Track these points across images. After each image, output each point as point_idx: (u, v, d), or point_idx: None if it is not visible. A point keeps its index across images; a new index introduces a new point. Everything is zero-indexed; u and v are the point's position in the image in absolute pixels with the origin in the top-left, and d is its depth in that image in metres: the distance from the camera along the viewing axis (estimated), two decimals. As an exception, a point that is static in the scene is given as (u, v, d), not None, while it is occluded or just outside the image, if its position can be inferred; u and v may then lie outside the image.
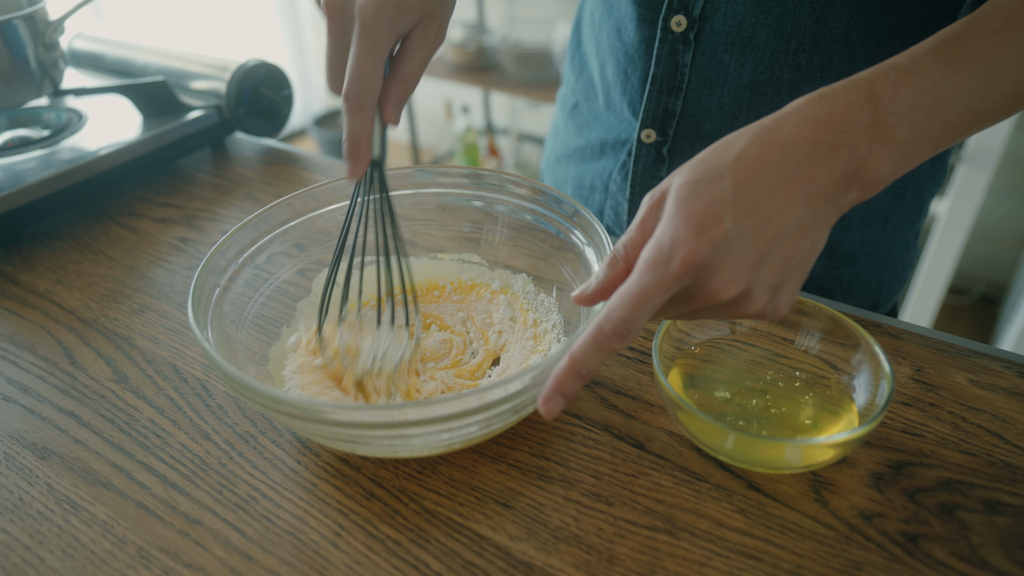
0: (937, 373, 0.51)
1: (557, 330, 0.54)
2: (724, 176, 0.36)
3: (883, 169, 0.38)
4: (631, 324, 0.35)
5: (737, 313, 0.38)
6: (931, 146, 0.39)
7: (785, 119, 0.38)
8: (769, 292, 0.38)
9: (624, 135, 0.69)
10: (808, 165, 0.36)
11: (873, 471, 0.44)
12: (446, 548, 0.41)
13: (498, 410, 0.40)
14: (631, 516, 0.42)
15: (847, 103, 0.37)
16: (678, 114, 0.63)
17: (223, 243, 0.51)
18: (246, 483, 0.45)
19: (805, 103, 0.38)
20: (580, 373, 0.36)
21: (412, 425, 0.39)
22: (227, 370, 0.40)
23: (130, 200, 0.79)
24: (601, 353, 0.36)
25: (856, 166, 0.37)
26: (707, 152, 0.38)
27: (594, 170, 0.74)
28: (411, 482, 0.45)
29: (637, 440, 0.47)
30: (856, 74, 0.39)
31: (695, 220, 0.35)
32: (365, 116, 0.45)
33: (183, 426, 0.50)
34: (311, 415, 0.39)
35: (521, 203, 0.58)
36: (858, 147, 0.37)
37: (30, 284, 0.66)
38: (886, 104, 0.37)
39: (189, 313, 0.44)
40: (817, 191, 0.36)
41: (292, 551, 0.41)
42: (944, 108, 0.39)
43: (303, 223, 0.57)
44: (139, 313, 0.61)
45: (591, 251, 0.52)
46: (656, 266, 0.35)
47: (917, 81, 0.38)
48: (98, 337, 0.59)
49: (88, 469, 0.47)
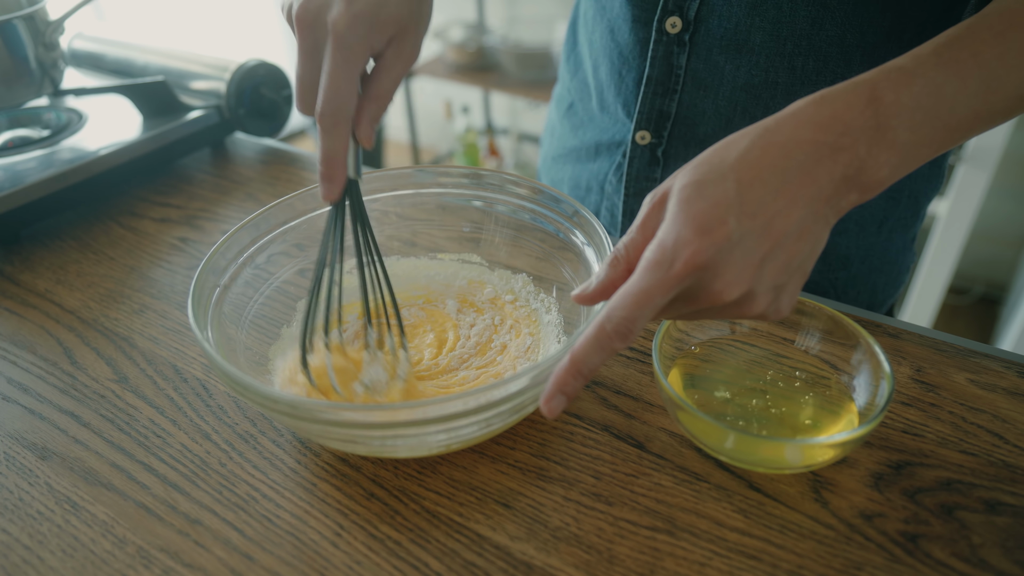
0: (937, 373, 0.51)
1: (557, 330, 0.54)
2: (727, 177, 0.36)
3: (883, 172, 0.38)
4: (633, 324, 0.35)
5: (739, 314, 0.38)
6: (931, 148, 0.39)
7: (786, 121, 0.37)
8: (772, 293, 0.38)
9: (619, 136, 0.69)
10: (809, 167, 0.36)
11: (873, 471, 0.44)
12: (446, 548, 0.41)
13: (497, 411, 0.40)
14: (631, 516, 0.42)
15: (848, 105, 0.37)
16: (673, 116, 0.63)
17: (223, 243, 0.51)
18: (246, 483, 0.45)
19: (806, 105, 0.38)
20: (581, 372, 0.36)
21: (408, 426, 0.39)
22: (227, 370, 0.40)
23: (130, 200, 0.79)
24: (602, 352, 0.36)
25: (856, 168, 0.37)
26: (708, 153, 0.38)
27: (590, 171, 0.74)
28: (411, 482, 0.45)
29: (637, 440, 0.47)
30: (858, 76, 0.39)
31: (699, 221, 0.35)
32: (340, 134, 0.44)
33: (183, 426, 0.50)
34: (310, 415, 0.39)
35: (521, 203, 0.58)
36: (859, 150, 0.37)
37: (30, 284, 0.66)
38: (887, 107, 0.37)
39: (189, 313, 0.44)
40: (818, 193, 0.36)
41: (292, 551, 0.41)
42: (945, 111, 0.38)
43: (303, 223, 0.57)
44: (139, 313, 0.61)
45: (591, 251, 0.52)
46: (659, 267, 0.35)
47: (919, 84, 0.38)
48: (98, 337, 0.59)
49: (88, 469, 0.47)
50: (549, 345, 0.54)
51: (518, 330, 0.56)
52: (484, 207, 0.61)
